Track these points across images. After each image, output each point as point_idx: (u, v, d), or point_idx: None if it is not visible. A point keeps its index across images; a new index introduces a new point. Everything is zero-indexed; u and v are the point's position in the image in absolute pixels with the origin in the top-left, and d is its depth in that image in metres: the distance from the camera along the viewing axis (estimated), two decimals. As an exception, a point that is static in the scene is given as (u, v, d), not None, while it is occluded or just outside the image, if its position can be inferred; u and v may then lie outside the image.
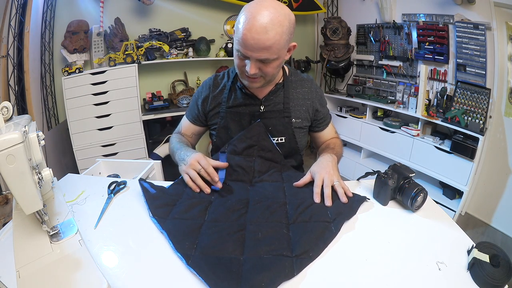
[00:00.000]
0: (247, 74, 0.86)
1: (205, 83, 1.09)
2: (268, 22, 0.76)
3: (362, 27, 2.97)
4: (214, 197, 0.82)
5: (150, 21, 2.63)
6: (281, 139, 1.01)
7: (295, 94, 1.03)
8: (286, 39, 0.82)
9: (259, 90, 1.00)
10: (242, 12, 0.81)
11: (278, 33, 0.78)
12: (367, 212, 0.77)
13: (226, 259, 0.59)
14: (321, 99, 1.07)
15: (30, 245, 0.63)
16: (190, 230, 0.68)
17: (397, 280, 0.56)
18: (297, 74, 1.06)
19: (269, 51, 0.80)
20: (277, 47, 0.80)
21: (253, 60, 0.82)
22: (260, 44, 0.78)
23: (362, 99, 2.83)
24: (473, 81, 2.14)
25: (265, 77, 0.89)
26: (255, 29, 0.76)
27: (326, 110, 1.10)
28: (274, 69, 0.87)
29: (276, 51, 0.81)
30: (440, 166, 2.23)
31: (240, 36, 0.79)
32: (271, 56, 0.81)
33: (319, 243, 0.64)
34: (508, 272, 0.53)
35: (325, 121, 1.10)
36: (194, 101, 1.10)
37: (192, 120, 1.11)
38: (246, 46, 0.79)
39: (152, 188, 0.84)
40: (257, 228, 0.68)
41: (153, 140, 2.66)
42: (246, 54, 0.81)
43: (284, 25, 0.79)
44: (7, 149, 0.53)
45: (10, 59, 1.82)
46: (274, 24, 0.77)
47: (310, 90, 1.04)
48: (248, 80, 0.90)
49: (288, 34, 0.82)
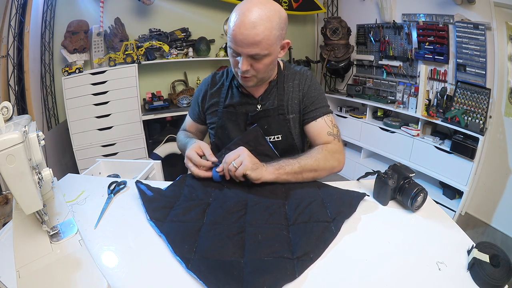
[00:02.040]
0: (240, 72, 0.88)
1: (204, 81, 1.11)
2: (257, 18, 0.78)
3: (362, 27, 2.97)
4: (212, 199, 0.81)
5: (150, 21, 2.63)
6: (277, 137, 1.00)
7: (287, 89, 1.01)
8: (277, 35, 0.83)
9: (255, 89, 1.00)
10: (233, 11, 0.84)
11: (267, 28, 0.79)
12: (367, 212, 0.76)
13: (227, 262, 0.59)
14: (310, 87, 1.00)
15: (30, 245, 0.63)
16: (188, 233, 0.67)
17: (397, 280, 0.56)
18: (291, 68, 1.04)
19: (259, 46, 0.81)
20: (267, 42, 0.81)
21: (244, 57, 0.84)
22: (250, 39, 0.79)
23: (362, 99, 2.83)
24: (473, 81, 2.14)
25: (257, 75, 0.89)
26: (244, 24, 0.79)
27: (317, 99, 0.99)
28: (266, 66, 0.88)
29: (266, 46, 0.82)
30: (440, 166, 2.23)
31: (231, 32, 0.82)
32: (261, 51, 0.82)
33: (319, 244, 0.63)
34: (508, 272, 0.53)
35: (313, 110, 0.98)
36: (195, 100, 1.11)
37: (194, 118, 1.13)
38: (236, 42, 0.82)
39: (149, 190, 0.84)
40: (256, 230, 0.68)
41: (153, 140, 2.66)
42: (237, 50, 0.83)
43: (273, 20, 0.80)
44: (7, 149, 0.53)
45: (10, 59, 1.82)
46: (263, 20, 0.79)
47: (300, 82, 1.01)
48: (242, 79, 0.91)
49: (279, 30, 0.83)
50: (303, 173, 0.88)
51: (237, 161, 0.83)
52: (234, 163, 0.83)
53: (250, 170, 0.82)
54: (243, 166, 0.82)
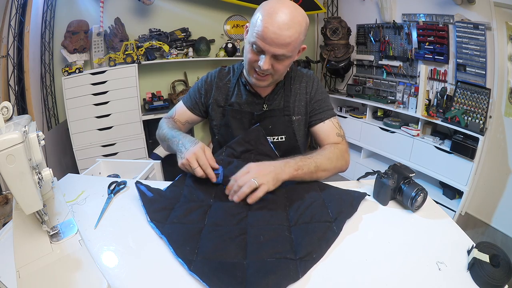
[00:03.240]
0: (258, 70, 0.87)
1: (210, 74, 1.08)
2: (290, 20, 0.79)
3: (362, 27, 2.97)
4: (213, 201, 0.81)
5: (150, 21, 2.63)
6: (281, 138, 1.01)
7: (294, 91, 1.02)
8: (302, 40, 0.85)
9: (262, 89, 1.00)
10: (260, 8, 0.83)
11: (297, 32, 0.81)
12: (367, 212, 0.76)
13: (229, 263, 0.59)
14: (317, 91, 1.02)
15: (30, 245, 0.63)
16: (190, 235, 0.66)
17: (397, 280, 0.56)
18: (297, 70, 1.06)
19: (287, 48, 0.82)
20: (294, 45, 0.83)
21: (268, 55, 0.83)
22: (281, 40, 0.80)
23: (362, 99, 2.83)
24: (473, 81, 2.14)
25: (274, 75, 0.89)
26: (278, 24, 0.78)
27: (324, 102, 1.02)
28: (285, 67, 0.89)
29: (292, 49, 0.83)
30: (440, 166, 2.23)
31: (261, 29, 0.80)
32: (287, 53, 0.83)
33: (321, 244, 0.63)
34: (508, 272, 0.53)
35: (321, 113, 1.01)
36: (195, 89, 1.07)
37: (190, 106, 1.07)
38: (266, 39, 0.80)
39: (149, 191, 0.83)
40: (258, 231, 0.67)
41: (153, 140, 2.66)
42: (264, 48, 0.82)
43: (302, 25, 0.82)
44: (7, 149, 0.53)
45: (10, 59, 1.82)
46: (295, 23, 0.80)
47: (307, 84, 1.03)
48: (256, 78, 0.90)
49: (304, 35, 0.85)
50: (318, 173, 0.87)
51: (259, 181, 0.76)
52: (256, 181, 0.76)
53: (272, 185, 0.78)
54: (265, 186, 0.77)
